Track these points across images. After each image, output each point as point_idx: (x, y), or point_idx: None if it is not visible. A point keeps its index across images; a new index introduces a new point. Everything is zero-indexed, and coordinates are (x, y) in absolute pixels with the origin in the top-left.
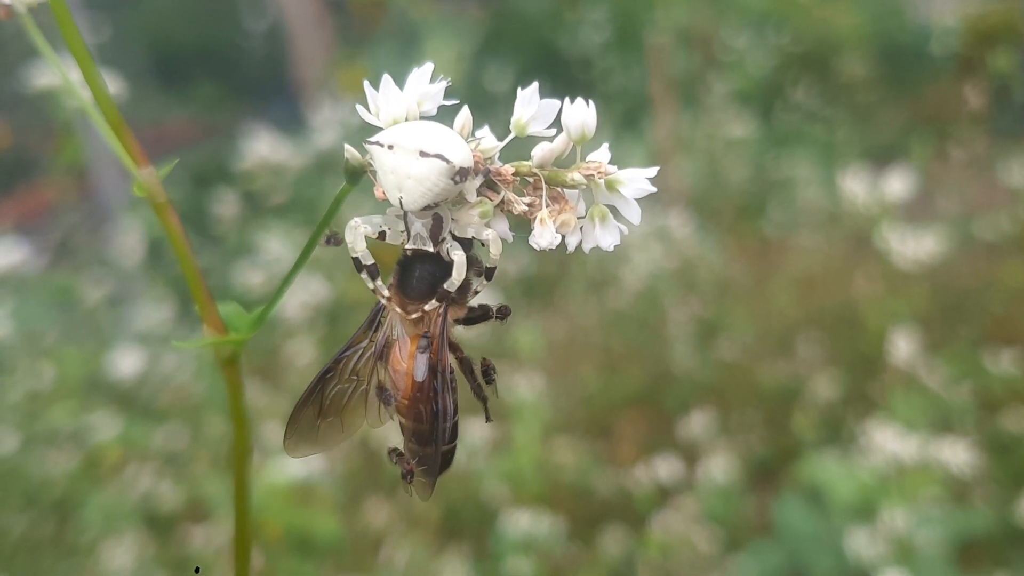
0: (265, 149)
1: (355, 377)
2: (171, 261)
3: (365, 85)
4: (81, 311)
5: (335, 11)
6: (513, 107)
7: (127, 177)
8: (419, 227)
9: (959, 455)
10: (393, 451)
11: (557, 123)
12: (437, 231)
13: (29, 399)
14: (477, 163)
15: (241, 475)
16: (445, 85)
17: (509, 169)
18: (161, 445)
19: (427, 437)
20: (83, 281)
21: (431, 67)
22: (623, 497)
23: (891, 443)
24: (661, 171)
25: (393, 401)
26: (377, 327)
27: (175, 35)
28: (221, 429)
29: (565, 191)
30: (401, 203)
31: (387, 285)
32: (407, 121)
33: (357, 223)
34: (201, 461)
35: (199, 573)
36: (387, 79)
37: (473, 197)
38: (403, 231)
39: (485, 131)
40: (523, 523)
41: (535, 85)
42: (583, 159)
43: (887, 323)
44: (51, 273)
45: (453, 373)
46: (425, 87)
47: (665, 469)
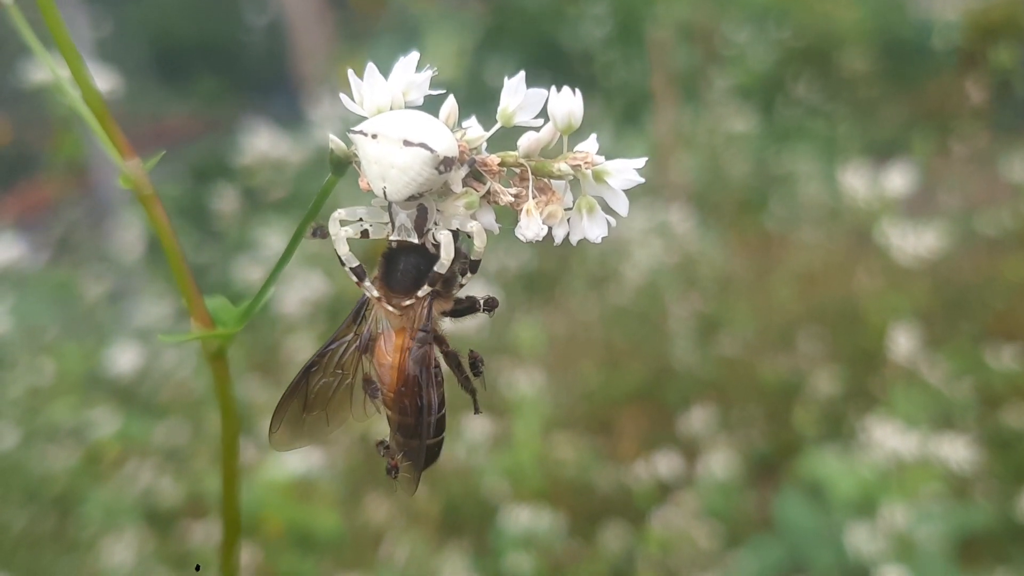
0: (265, 144)
1: (340, 371)
2: None
3: (349, 74)
4: (81, 307)
5: (336, 6)
6: None
7: None
8: (404, 218)
9: (960, 451)
10: (380, 443)
11: (545, 113)
12: (422, 222)
13: (29, 395)
14: (463, 153)
15: (230, 468)
16: (431, 74)
17: (495, 159)
18: (161, 441)
19: (412, 431)
20: (83, 277)
21: (417, 56)
22: (623, 493)
23: (892, 439)
24: (662, 166)
25: (379, 394)
26: (362, 320)
27: (176, 30)
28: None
29: (552, 182)
30: (385, 193)
31: (371, 278)
32: (392, 110)
33: (340, 214)
34: (201, 457)
35: (199, 572)
36: (371, 67)
37: (459, 187)
38: (387, 223)
39: (472, 121)
40: (523, 519)
41: (522, 74)
42: (571, 149)
43: (888, 318)
44: (51, 269)
45: (439, 367)
46: (411, 76)
47: (665, 465)
